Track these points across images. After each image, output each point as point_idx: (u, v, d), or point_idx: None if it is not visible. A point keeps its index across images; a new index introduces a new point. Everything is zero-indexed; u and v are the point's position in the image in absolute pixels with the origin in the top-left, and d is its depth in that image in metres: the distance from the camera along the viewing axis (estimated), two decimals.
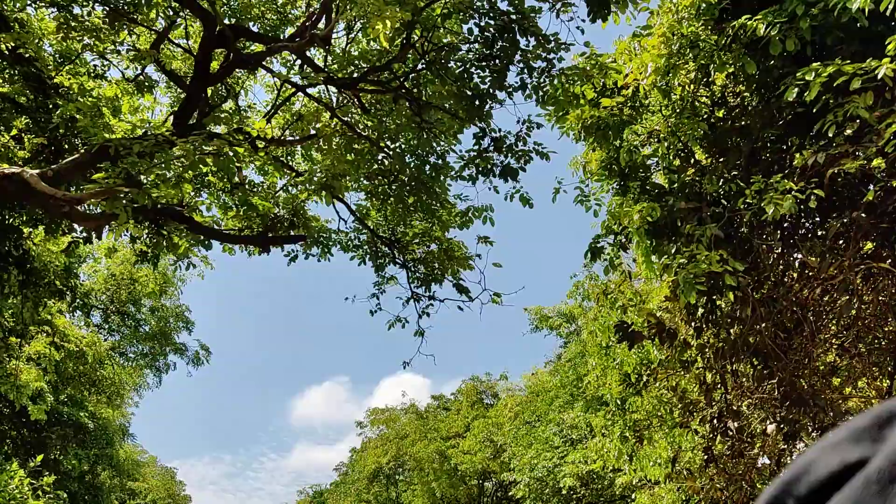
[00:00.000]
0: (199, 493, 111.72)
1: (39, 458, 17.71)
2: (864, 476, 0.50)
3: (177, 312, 27.19)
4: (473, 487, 44.37)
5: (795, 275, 10.41)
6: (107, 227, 9.34)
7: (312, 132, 10.06)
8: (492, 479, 43.98)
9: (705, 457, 13.08)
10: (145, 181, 8.37)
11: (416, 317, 12.93)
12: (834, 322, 11.21)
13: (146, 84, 12.19)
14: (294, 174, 9.73)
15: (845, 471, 0.52)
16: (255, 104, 10.95)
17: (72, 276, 24.45)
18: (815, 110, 8.31)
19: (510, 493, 33.98)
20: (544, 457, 29.39)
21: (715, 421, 9.63)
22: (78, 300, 24.32)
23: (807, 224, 10.05)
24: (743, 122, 9.91)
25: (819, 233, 9.63)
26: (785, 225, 9.72)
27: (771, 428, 8.64)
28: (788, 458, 11.01)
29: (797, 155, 8.70)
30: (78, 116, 11.33)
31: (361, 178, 10.14)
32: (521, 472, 29.74)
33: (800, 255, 10.26)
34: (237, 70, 10.00)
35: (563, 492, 27.54)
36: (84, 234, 12.05)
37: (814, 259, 9.59)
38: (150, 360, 26.81)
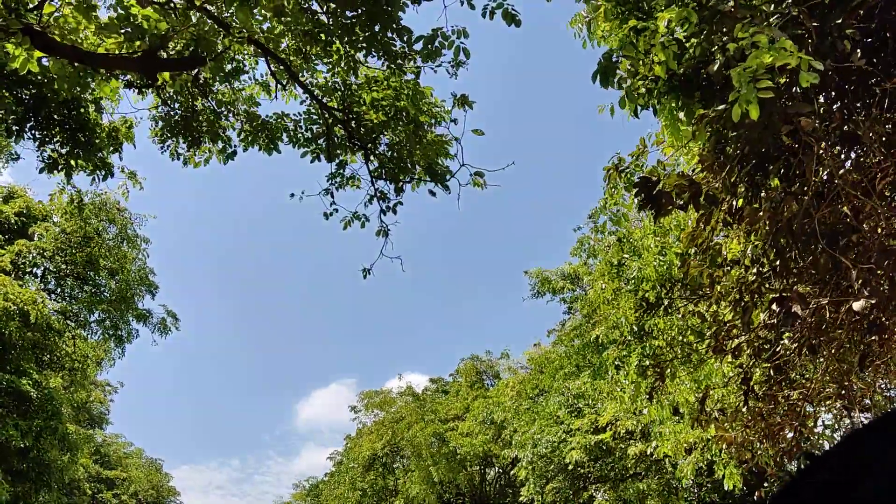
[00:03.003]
0: (205, 497, 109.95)
1: None
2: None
3: (140, 275, 24.64)
4: (475, 473, 41.76)
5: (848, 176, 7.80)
6: None
7: None
8: (494, 465, 41.39)
9: (744, 388, 10.52)
10: None
11: (383, 220, 10.35)
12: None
13: None
14: None
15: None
16: None
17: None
18: None
19: (512, 473, 31.37)
20: (549, 431, 26.76)
21: (774, 307, 7.07)
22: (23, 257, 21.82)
23: None
24: None
25: None
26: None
27: (859, 305, 6.15)
28: (876, 359, 8.42)
29: None
30: None
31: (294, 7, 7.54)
32: (523, 447, 27.10)
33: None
34: None
35: (570, 467, 24.91)
36: None
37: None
38: (111, 327, 24.24)
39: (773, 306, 7.10)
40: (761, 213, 7.03)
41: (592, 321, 24.44)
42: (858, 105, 7.57)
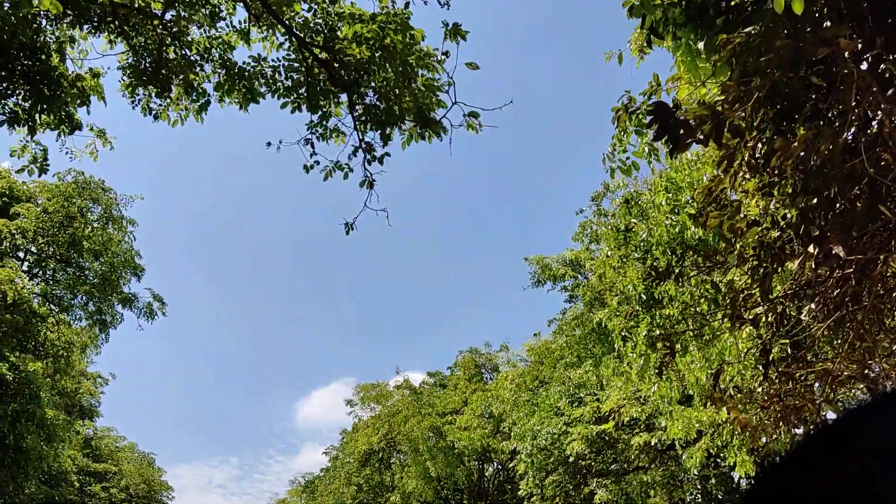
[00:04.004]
0: (205, 496, 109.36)
1: None
2: None
3: (126, 258, 23.76)
4: (473, 469, 40.84)
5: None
6: None
7: None
8: (493, 460, 40.49)
9: (762, 361, 9.65)
10: None
11: (367, 169, 9.47)
12: None
13: None
14: None
15: None
16: None
17: None
18: None
19: (511, 466, 30.44)
20: (549, 423, 25.82)
21: (811, 248, 6.16)
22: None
23: None
24: None
25: None
26: None
27: None
28: None
29: None
30: None
31: None
32: (522, 439, 26.17)
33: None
34: None
35: (571, 459, 23.98)
36: None
37: None
38: (95, 311, 23.35)
39: (811, 248, 6.19)
40: (795, 146, 6.12)
41: (598, 298, 23.57)
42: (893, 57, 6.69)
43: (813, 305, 9.17)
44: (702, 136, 6.83)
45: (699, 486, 23.06)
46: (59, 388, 25.30)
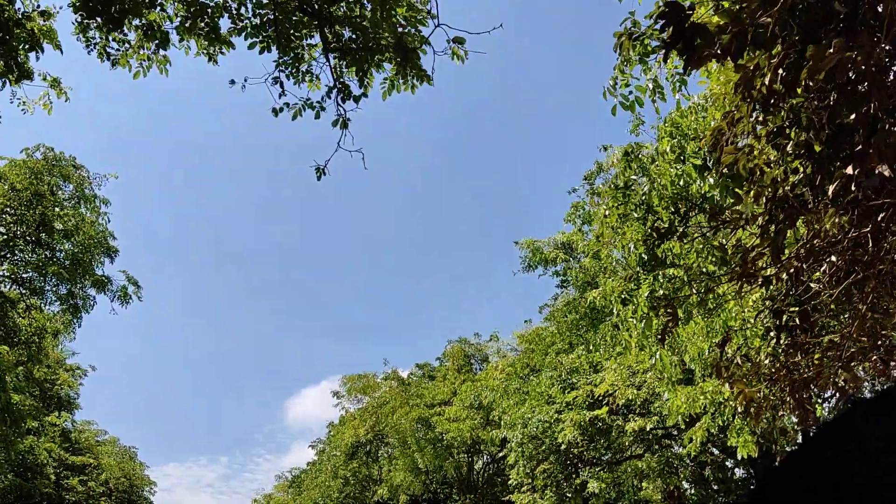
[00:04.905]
0: (195, 496, 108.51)
1: None
2: None
3: (98, 239, 22.72)
4: (462, 462, 39.99)
5: None
6: None
7: None
8: (482, 453, 39.67)
9: (776, 322, 8.88)
10: None
11: (341, 105, 8.60)
12: None
13: None
14: None
15: None
16: None
17: None
18: None
19: (501, 455, 29.64)
20: (540, 411, 24.98)
21: (850, 169, 5.28)
22: None
23: None
24: None
25: None
26: None
27: None
28: None
29: None
30: None
31: None
32: (512, 428, 25.33)
33: None
34: None
35: (563, 447, 23.16)
36: None
37: None
38: (67, 295, 22.32)
39: (849, 169, 5.34)
40: (831, 52, 5.28)
41: (590, 283, 22.77)
42: None
43: (833, 258, 8.34)
44: (720, 51, 5.99)
45: (691, 476, 22.33)
46: (33, 375, 24.25)
